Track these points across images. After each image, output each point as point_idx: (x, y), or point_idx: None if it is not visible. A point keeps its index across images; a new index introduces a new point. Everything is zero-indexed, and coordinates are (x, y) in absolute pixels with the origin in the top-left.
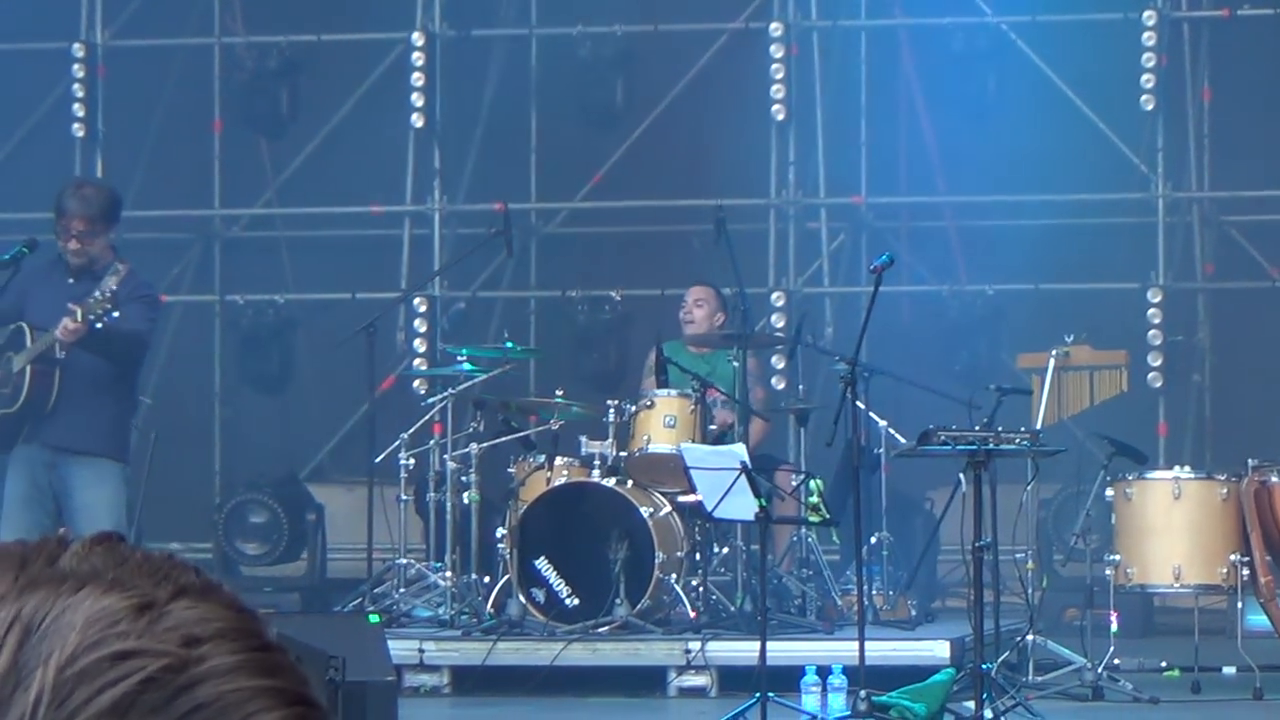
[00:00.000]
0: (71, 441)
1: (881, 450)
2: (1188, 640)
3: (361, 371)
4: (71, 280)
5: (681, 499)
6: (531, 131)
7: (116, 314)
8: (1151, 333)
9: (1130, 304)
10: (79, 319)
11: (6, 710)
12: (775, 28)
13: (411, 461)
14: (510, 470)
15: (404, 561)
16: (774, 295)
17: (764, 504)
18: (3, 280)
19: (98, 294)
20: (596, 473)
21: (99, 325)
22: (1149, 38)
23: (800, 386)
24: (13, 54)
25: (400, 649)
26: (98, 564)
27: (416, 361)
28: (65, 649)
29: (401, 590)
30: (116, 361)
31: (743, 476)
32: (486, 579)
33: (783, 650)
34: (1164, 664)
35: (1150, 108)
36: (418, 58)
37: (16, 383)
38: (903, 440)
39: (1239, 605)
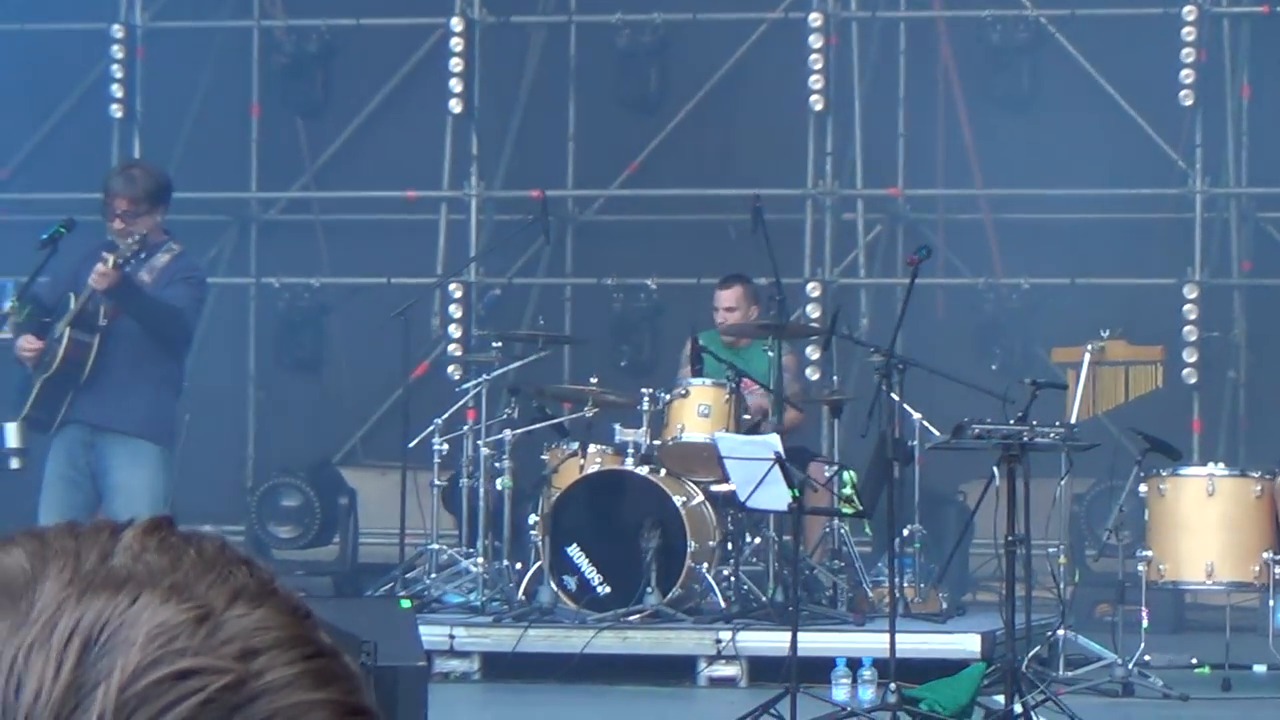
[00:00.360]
0: (108, 420)
1: (915, 442)
2: (1219, 637)
3: (396, 356)
4: (122, 261)
5: (714, 488)
6: (569, 118)
7: (144, 254)
8: (1187, 329)
9: (1166, 299)
10: (109, 264)
11: None
12: (814, 18)
13: (445, 447)
14: (543, 457)
15: (436, 547)
16: (810, 286)
17: (797, 494)
18: (42, 259)
19: (128, 240)
20: (630, 461)
21: (127, 269)
22: (1188, 33)
23: (834, 378)
24: (52, 34)
25: (431, 634)
26: (153, 563)
27: (451, 347)
28: (126, 668)
29: (433, 576)
30: (154, 334)
31: (776, 467)
32: (518, 565)
33: (813, 641)
34: (1195, 661)
35: (1189, 103)
36: (456, 43)
37: (54, 349)
38: (937, 433)
39: (1270, 603)
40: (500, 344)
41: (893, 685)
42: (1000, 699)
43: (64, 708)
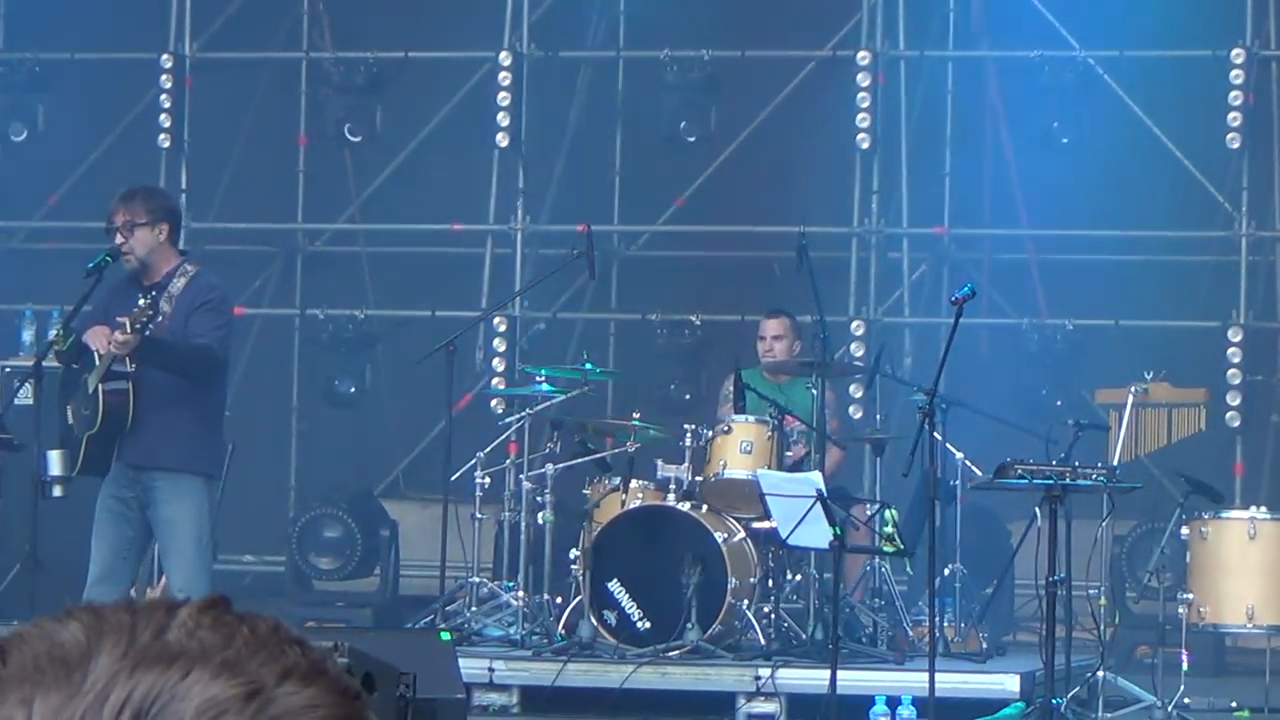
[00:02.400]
0: (149, 459)
1: (957, 482)
2: (1259, 681)
3: (439, 389)
4: (141, 295)
5: (755, 525)
6: (616, 154)
7: (160, 318)
8: (1231, 371)
9: (1210, 342)
10: (127, 329)
11: None
12: (862, 56)
13: (487, 480)
14: (585, 491)
15: (476, 580)
16: (854, 324)
17: (838, 532)
18: (87, 288)
19: (141, 302)
20: (671, 496)
21: (147, 332)
22: (1236, 75)
23: (878, 416)
24: (101, 63)
25: (471, 667)
26: (206, 641)
27: (495, 380)
28: None
29: (473, 609)
30: (186, 376)
31: (818, 504)
32: (558, 600)
33: (853, 679)
34: (1234, 704)
35: (1236, 146)
36: (504, 77)
37: (93, 403)
38: (979, 473)
39: None
40: (543, 378)
41: None
42: None
43: None
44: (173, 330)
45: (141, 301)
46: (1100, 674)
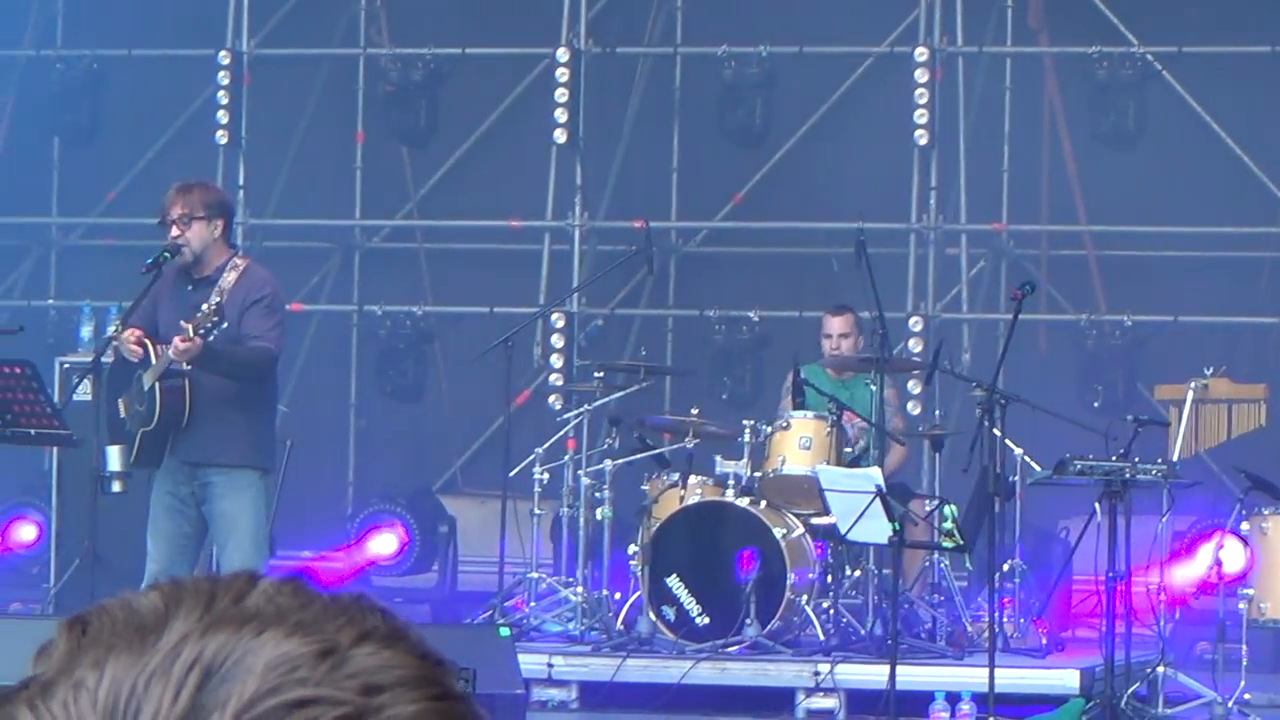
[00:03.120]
0: (206, 455)
1: (1016, 478)
2: None
3: (497, 385)
4: (190, 287)
5: (815, 521)
6: (673, 150)
7: (225, 324)
8: None
9: (1270, 338)
10: (190, 335)
11: None
12: (920, 52)
13: (545, 476)
14: (644, 488)
15: (535, 576)
16: (912, 320)
17: (897, 528)
18: (145, 285)
19: (205, 307)
20: (730, 492)
21: (211, 338)
22: None
23: (937, 412)
24: (159, 60)
25: (530, 663)
26: (284, 604)
27: (553, 377)
28: (244, 693)
29: (532, 604)
30: (243, 380)
31: (877, 500)
32: (617, 595)
33: (912, 675)
34: None
35: None
36: (562, 73)
37: (149, 400)
38: (1037, 468)
39: None
40: (602, 374)
41: (991, 719)
42: None
43: None
44: (226, 329)
45: (205, 307)
46: (1160, 669)
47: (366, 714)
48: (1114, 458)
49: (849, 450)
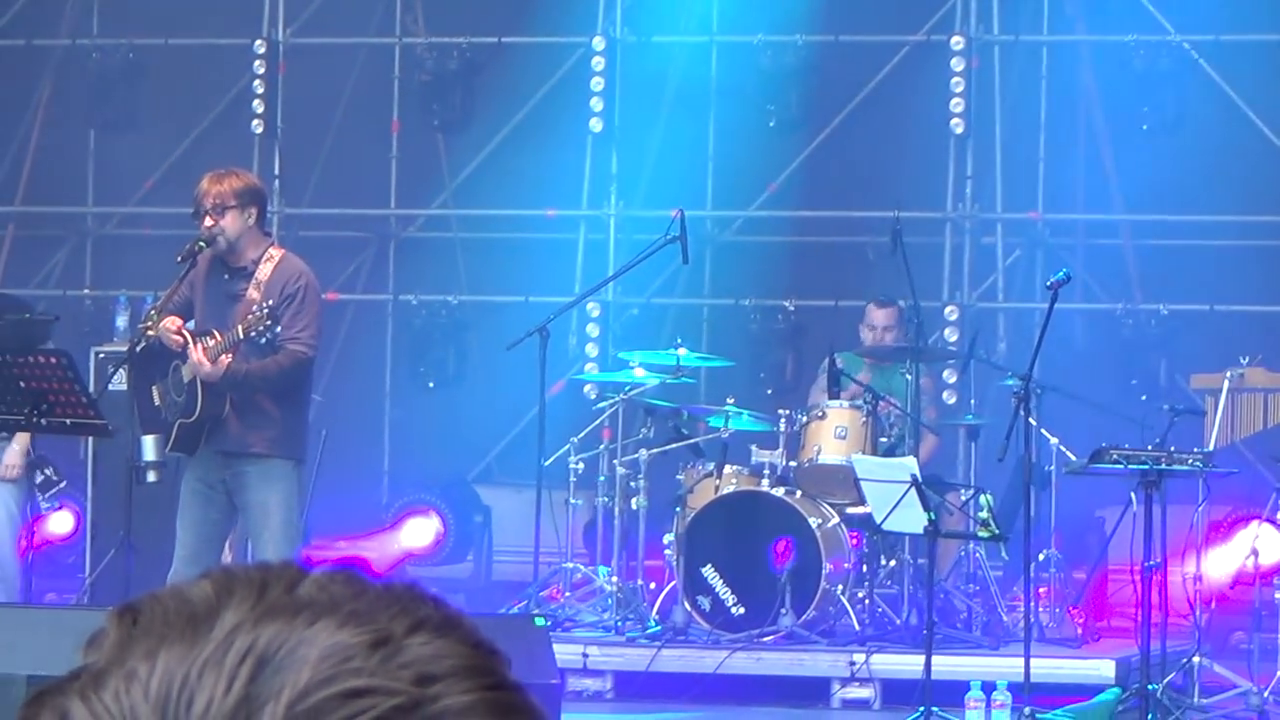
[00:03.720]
0: (240, 445)
1: (1052, 467)
2: None
3: (532, 375)
4: (227, 276)
5: (850, 510)
6: (709, 139)
7: (278, 328)
8: None
9: None
10: (214, 358)
11: None
12: (956, 41)
13: (580, 466)
14: (679, 477)
15: (570, 565)
16: (948, 309)
17: (933, 518)
18: (182, 272)
19: (256, 310)
20: (765, 482)
21: (263, 340)
22: None
23: (972, 401)
24: (195, 49)
25: (565, 653)
26: (336, 594)
27: (588, 366)
28: (298, 684)
29: (567, 594)
30: (279, 388)
31: (913, 489)
32: (652, 585)
33: (947, 665)
34: None
35: None
36: (597, 62)
37: (189, 392)
38: (1073, 457)
39: None
40: (637, 363)
41: (1026, 710)
42: None
43: None
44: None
45: (257, 310)
46: (1196, 659)
47: (421, 704)
48: (1150, 447)
49: (884, 440)
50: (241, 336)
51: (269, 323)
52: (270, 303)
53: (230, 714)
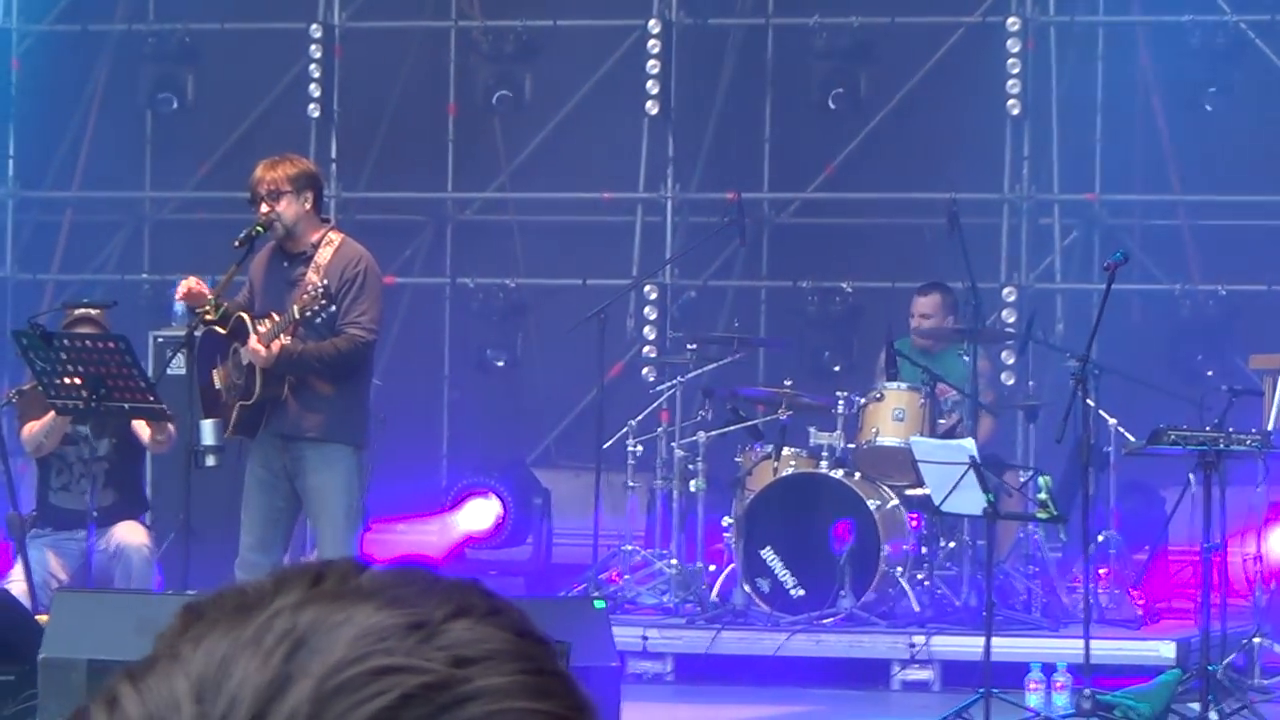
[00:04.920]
0: (301, 430)
1: (1110, 448)
2: None
3: (590, 358)
4: (285, 263)
5: (909, 492)
6: (765, 121)
7: (333, 308)
8: None
9: None
10: (264, 343)
11: (265, 719)
12: (1012, 22)
13: (639, 448)
14: (737, 459)
15: (629, 548)
16: (1005, 290)
17: (992, 499)
18: (237, 259)
19: (311, 290)
20: (824, 464)
21: (318, 320)
22: None
23: (1030, 383)
24: (251, 34)
25: (625, 635)
26: (384, 583)
27: (646, 349)
28: (329, 661)
29: (627, 577)
30: (339, 372)
31: (971, 471)
32: (711, 568)
33: (1007, 646)
34: None
35: None
36: (654, 45)
37: (248, 375)
38: (1131, 438)
39: None
40: (695, 346)
41: (1086, 691)
42: (1195, 706)
43: (265, 696)
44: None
45: (312, 290)
46: (1256, 640)
47: (452, 684)
48: (1208, 428)
49: (942, 422)
50: (297, 317)
51: (323, 302)
52: (325, 282)
53: (263, 690)
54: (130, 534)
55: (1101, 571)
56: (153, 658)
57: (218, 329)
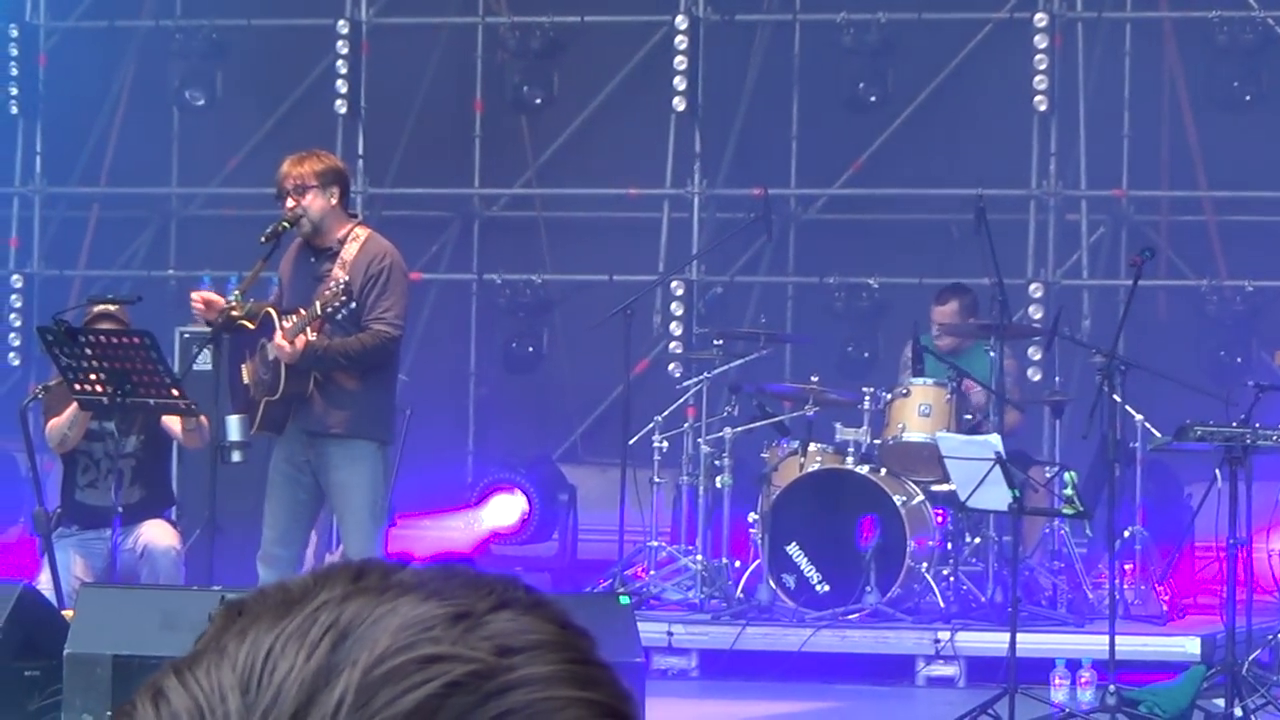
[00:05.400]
0: (326, 426)
1: (1136, 444)
2: None
3: (617, 353)
4: (313, 258)
5: (935, 488)
6: (792, 117)
7: (354, 304)
8: None
9: None
10: (289, 340)
11: (310, 709)
12: (1039, 18)
13: (665, 444)
14: (763, 455)
15: (655, 544)
16: (1032, 286)
17: (1017, 495)
18: (265, 254)
19: (332, 286)
20: (850, 460)
21: (339, 316)
22: None
23: (1056, 378)
24: (278, 30)
25: (649, 631)
26: (425, 577)
27: (672, 345)
28: (374, 651)
29: (652, 572)
30: (364, 367)
31: (997, 467)
32: (737, 563)
33: (1032, 642)
34: None
35: None
36: (680, 41)
37: (275, 371)
38: (1158, 434)
39: None
40: (721, 342)
41: (1112, 687)
42: (1220, 702)
43: (312, 687)
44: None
45: (333, 286)
46: None
47: (498, 673)
48: (1235, 423)
49: (969, 417)
50: (319, 313)
51: (344, 298)
52: (346, 279)
53: (309, 681)
54: (158, 535)
55: (1127, 567)
56: (197, 652)
57: (246, 324)
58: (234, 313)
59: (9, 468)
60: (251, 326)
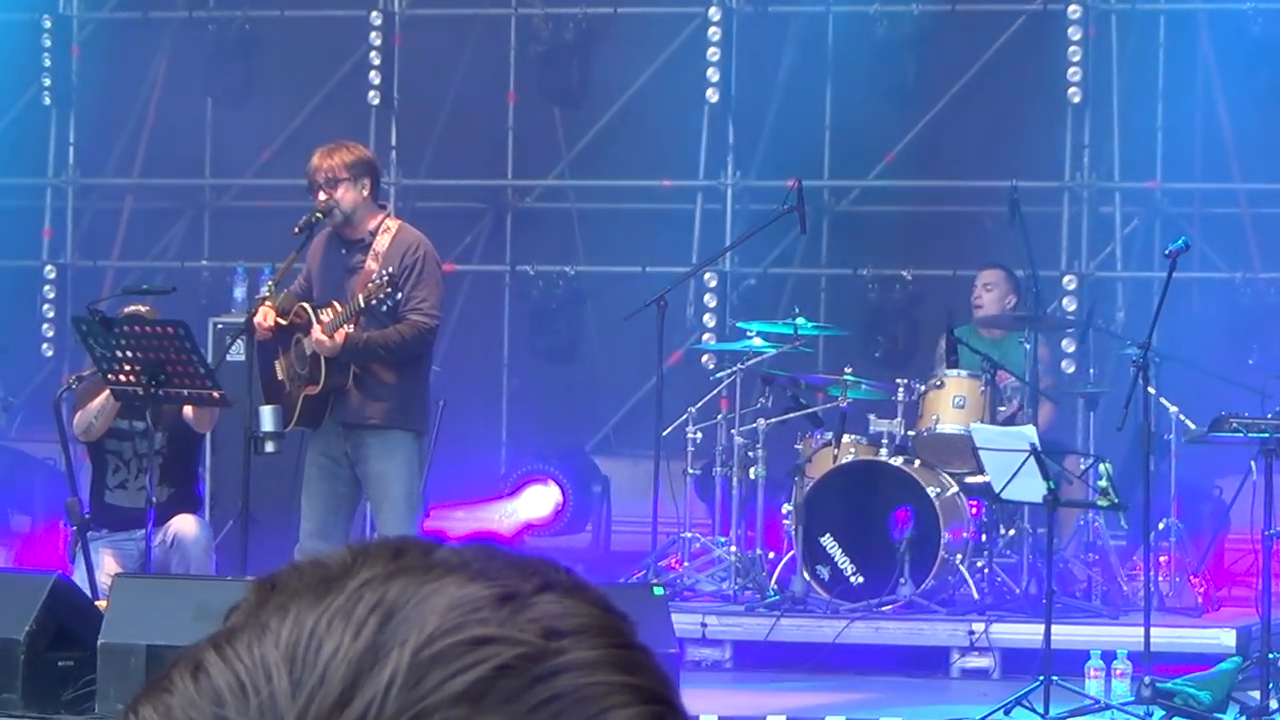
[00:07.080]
0: (360, 418)
1: (1171, 436)
2: None
3: (650, 345)
4: (344, 250)
5: (969, 480)
6: (826, 109)
7: (399, 295)
8: None
9: None
10: (330, 333)
11: (358, 690)
12: (1073, 10)
13: (698, 436)
14: (797, 447)
15: (688, 535)
16: (1066, 279)
17: (1052, 486)
18: (298, 245)
19: (376, 278)
20: (884, 451)
21: (384, 308)
22: None
23: (1091, 370)
24: (311, 21)
25: (683, 622)
26: (467, 556)
27: (705, 336)
28: (423, 632)
29: (686, 564)
30: (402, 359)
31: (1032, 458)
32: (771, 555)
33: (1067, 634)
34: None
35: None
36: (714, 32)
37: (313, 365)
38: (1192, 426)
39: None
40: (755, 333)
41: (1147, 679)
42: (1256, 695)
43: (360, 667)
44: (386, 286)
45: (377, 278)
46: None
47: (546, 656)
48: (1269, 415)
49: (1002, 409)
50: (362, 305)
51: (389, 290)
52: (390, 270)
53: (357, 660)
54: (187, 526)
55: (1162, 559)
56: (234, 628)
57: (279, 320)
58: (269, 304)
59: (39, 466)
60: (284, 322)
